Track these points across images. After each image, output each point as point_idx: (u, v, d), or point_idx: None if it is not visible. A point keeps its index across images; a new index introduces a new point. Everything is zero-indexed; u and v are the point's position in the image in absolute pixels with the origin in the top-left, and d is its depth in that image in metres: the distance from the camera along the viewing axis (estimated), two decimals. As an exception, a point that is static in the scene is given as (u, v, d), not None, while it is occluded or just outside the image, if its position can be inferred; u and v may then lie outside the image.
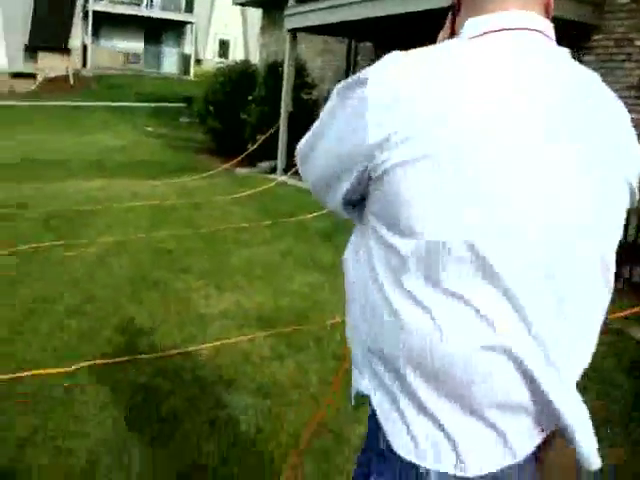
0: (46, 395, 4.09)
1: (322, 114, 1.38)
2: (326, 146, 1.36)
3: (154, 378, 4.37)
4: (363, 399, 1.38)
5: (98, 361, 4.55)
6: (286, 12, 13.64)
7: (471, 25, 1.32)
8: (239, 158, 14.96)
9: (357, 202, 1.37)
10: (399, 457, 1.28)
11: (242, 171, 14.45)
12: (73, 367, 4.45)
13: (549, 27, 1.35)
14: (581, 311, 1.27)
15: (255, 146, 14.83)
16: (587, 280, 1.26)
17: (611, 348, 5.20)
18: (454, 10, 1.43)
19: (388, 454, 1.31)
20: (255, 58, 27.64)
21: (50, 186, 11.59)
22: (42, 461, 3.39)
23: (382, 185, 1.21)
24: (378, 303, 1.27)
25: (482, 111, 1.17)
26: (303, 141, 1.47)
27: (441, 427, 1.25)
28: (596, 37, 9.45)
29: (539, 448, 1.33)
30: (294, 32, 13.76)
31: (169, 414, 3.89)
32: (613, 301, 1.33)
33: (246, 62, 18.41)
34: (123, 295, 6.01)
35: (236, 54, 39.09)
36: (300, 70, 14.95)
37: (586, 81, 1.33)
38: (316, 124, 1.42)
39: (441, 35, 1.50)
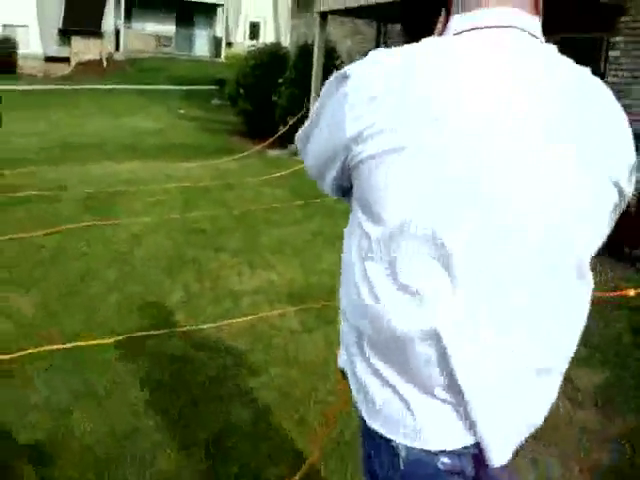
0: (89, 364, 4.39)
1: (316, 104, 1.49)
2: (318, 135, 1.48)
3: (189, 349, 4.65)
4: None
5: (137, 333, 4.84)
6: (316, -5, 13.81)
7: (456, 22, 1.38)
8: (270, 140, 15.18)
9: (347, 189, 1.47)
10: (376, 433, 1.40)
11: (273, 153, 14.68)
12: (113, 339, 4.75)
13: (535, 24, 1.37)
14: (553, 311, 1.33)
15: (286, 128, 15.03)
16: (561, 274, 1.32)
17: (629, 323, 5.37)
18: (447, 11, 1.46)
19: (367, 431, 1.44)
20: (285, 40, 27.77)
21: (87, 168, 11.93)
22: (88, 425, 3.68)
23: (358, 174, 1.32)
24: (352, 283, 1.38)
25: (468, 107, 1.23)
26: (302, 128, 1.58)
27: (404, 402, 1.34)
28: (624, 19, 9.50)
29: None
30: (324, 14, 13.92)
31: (204, 381, 4.16)
32: (628, 280, 1.49)
33: (277, 45, 18.59)
34: (160, 272, 6.30)
35: (267, 36, 39.26)
36: (330, 52, 15.10)
37: (579, 79, 1.34)
38: (312, 113, 1.52)
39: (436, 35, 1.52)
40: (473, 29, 1.34)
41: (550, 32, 6.58)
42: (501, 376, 1.32)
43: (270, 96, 16.08)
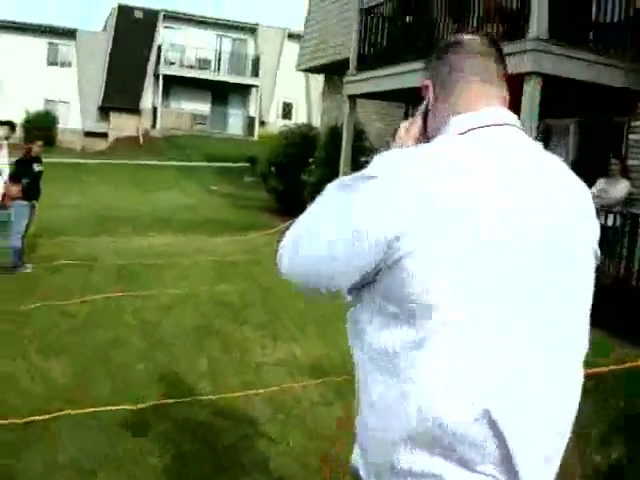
0: (115, 428, 4.53)
1: (311, 214, 1.51)
2: (322, 242, 1.44)
3: (213, 417, 4.79)
4: None
5: (163, 400, 4.99)
6: (345, 79, 14.28)
7: (457, 123, 1.53)
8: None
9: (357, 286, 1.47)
10: None
11: (301, 230, 14.93)
12: (139, 406, 4.90)
13: (517, 120, 1.56)
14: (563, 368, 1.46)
15: (315, 206, 15.33)
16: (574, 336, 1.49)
17: None
18: (427, 106, 1.65)
19: None
20: (316, 120, 28.49)
21: (120, 241, 12.30)
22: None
23: (395, 271, 1.35)
24: (390, 377, 1.41)
25: (487, 208, 1.36)
26: (288, 240, 1.54)
27: None
28: (644, 103, 9.77)
29: None
30: (353, 97, 14.37)
31: (226, 448, 4.29)
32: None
33: (307, 125, 19.17)
34: (187, 342, 6.49)
35: (299, 116, 40.21)
36: (359, 134, 15.52)
37: (561, 171, 1.54)
38: (303, 223, 1.52)
39: (408, 127, 1.71)
40: (476, 128, 1.51)
41: (571, 116, 6.97)
42: (544, 443, 1.43)
43: (300, 175, 16.49)
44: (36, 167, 9.69)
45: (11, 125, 11.86)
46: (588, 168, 10.31)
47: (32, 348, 6.10)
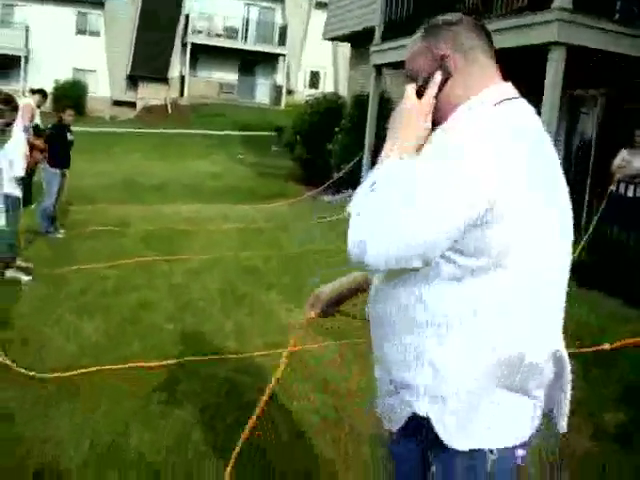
0: (146, 384, 4.79)
1: (422, 185, 1.60)
2: (440, 209, 1.58)
3: (238, 374, 5.03)
4: None
5: (190, 358, 5.24)
6: (371, 49, 14.35)
7: (489, 94, 1.78)
8: (324, 186, 15.66)
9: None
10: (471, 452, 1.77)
11: (326, 198, 15.14)
12: (167, 362, 5.15)
13: None
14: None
15: (340, 174, 15.51)
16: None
17: None
18: (447, 74, 1.80)
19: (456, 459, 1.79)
20: (343, 88, 28.48)
21: (149, 208, 12.57)
22: (142, 436, 4.07)
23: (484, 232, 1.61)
24: (491, 325, 1.75)
25: (550, 179, 1.73)
26: (380, 222, 1.62)
27: (510, 409, 1.78)
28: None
29: None
30: (379, 67, 14.44)
31: (250, 403, 4.53)
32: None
33: (334, 94, 19.25)
34: (214, 305, 6.74)
35: (326, 85, 40.19)
36: (384, 103, 15.57)
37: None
38: (407, 198, 1.60)
39: (427, 92, 1.83)
40: (505, 100, 1.78)
41: (598, 87, 7.14)
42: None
43: (325, 144, 16.60)
44: (68, 136, 9.94)
45: (43, 93, 12.15)
46: (614, 139, 10.35)
47: (67, 309, 6.38)
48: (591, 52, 9.26)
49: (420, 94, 1.83)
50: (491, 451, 1.74)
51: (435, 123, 1.83)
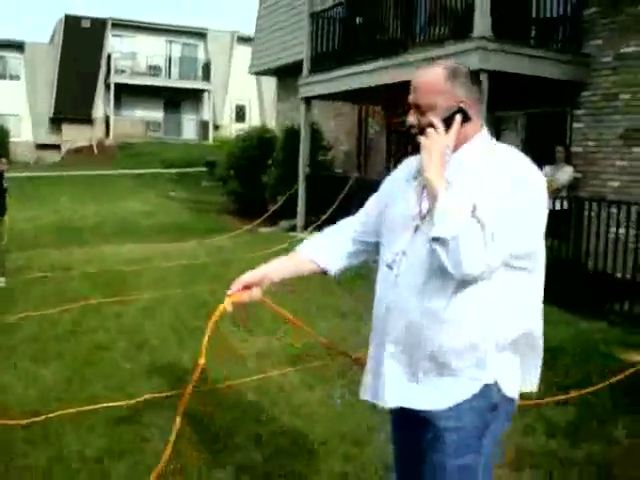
0: (111, 422, 4.88)
1: (529, 211, 2.19)
2: (530, 228, 2.22)
3: (204, 406, 5.14)
4: None
5: (153, 395, 5.34)
6: (300, 82, 14.70)
7: (486, 134, 2.38)
8: (261, 218, 15.86)
9: None
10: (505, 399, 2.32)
11: (264, 230, 15.34)
12: (130, 401, 5.24)
13: None
14: None
15: (276, 206, 15.74)
16: None
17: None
18: (466, 116, 2.27)
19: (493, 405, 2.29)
20: (270, 121, 28.82)
21: (87, 250, 12.54)
22: (119, 470, 4.17)
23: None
24: (521, 307, 2.36)
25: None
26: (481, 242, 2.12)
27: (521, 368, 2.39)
28: (584, 93, 10.35)
29: None
30: (308, 99, 14.79)
31: (219, 430, 4.67)
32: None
33: (263, 128, 19.51)
34: (168, 342, 6.83)
35: (252, 118, 40.53)
36: (315, 134, 15.93)
37: None
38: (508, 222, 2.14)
39: (448, 131, 2.27)
40: (494, 141, 2.42)
41: (519, 108, 7.69)
42: None
43: (259, 176, 16.85)
44: (4, 183, 9.92)
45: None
46: (536, 156, 10.86)
47: (22, 356, 6.39)
48: (510, 75, 9.78)
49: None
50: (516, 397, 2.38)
51: None
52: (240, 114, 42.65)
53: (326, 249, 2.72)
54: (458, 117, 2.24)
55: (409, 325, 2.29)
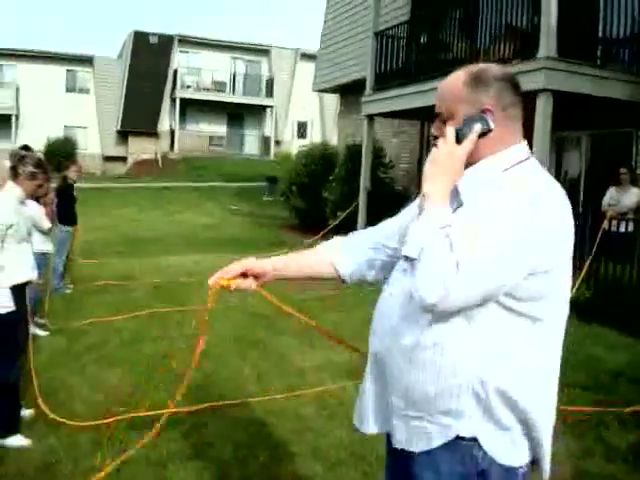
0: (177, 429, 5.01)
1: (516, 235, 1.76)
2: (511, 261, 1.78)
3: (263, 416, 5.25)
4: None
5: (215, 403, 5.46)
6: (363, 99, 14.82)
7: (518, 150, 2.00)
8: (322, 233, 15.95)
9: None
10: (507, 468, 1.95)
11: (324, 245, 15.39)
12: (196, 407, 5.37)
13: None
14: None
15: (337, 222, 15.84)
16: None
17: None
18: (487, 127, 1.94)
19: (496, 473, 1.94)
20: (331, 137, 29.01)
21: (151, 260, 12.83)
22: (181, 477, 4.28)
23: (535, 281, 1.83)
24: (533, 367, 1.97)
25: (570, 230, 1.91)
26: (487, 266, 1.74)
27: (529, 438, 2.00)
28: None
29: None
30: (371, 117, 14.90)
31: (279, 442, 4.76)
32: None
33: (325, 145, 19.70)
34: (230, 352, 6.97)
35: (313, 134, 40.85)
36: (377, 151, 16.02)
37: None
38: (509, 248, 1.76)
39: (453, 143, 1.93)
40: (529, 157, 2.01)
41: (583, 129, 7.66)
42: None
43: (320, 192, 16.98)
44: (74, 193, 10.27)
45: (27, 148, 12.42)
46: (600, 177, 10.77)
47: (88, 361, 6.60)
48: (575, 96, 9.72)
49: (457, 140, 1.94)
50: (521, 467, 1.99)
51: None
52: (302, 130, 43.02)
53: (349, 250, 2.43)
54: (477, 126, 1.93)
55: (382, 353, 2.07)
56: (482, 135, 1.95)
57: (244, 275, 2.32)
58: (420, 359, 1.92)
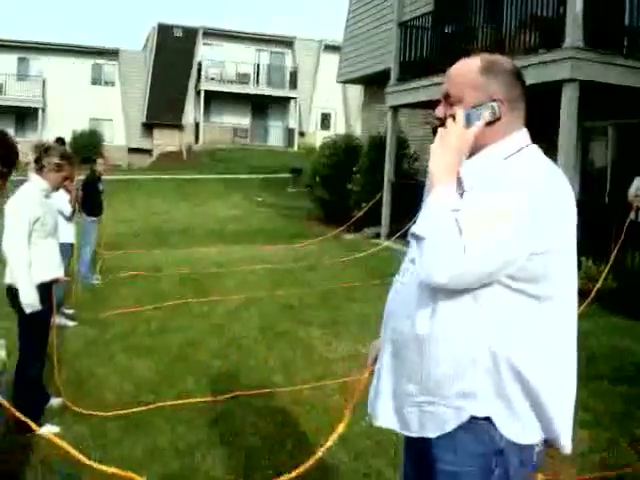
0: (205, 417, 5.08)
1: (515, 215, 1.83)
2: (513, 242, 1.84)
3: (290, 406, 5.30)
4: None
5: (242, 392, 5.52)
6: (387, 90, 14.79)
7: (519, 138, 2.05)
8: (346, 225, 16.00)
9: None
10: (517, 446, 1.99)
11: (349, 237, 15.48)
12: (223, 397, 5.43)
13: None
14: None
15: (361, 213, 15.86)
16: None
17: None
18: (495, 115, 2.00)
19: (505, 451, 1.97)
20: (355, 129, 28.97)
21: (177, 251, 12.95)
22: (209, 464, 4.35)
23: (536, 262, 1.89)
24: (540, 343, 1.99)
25: (571, 212, 1.97)
26: (499, 242, 1.81)
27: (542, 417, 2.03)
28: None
29: None
30: (395, 108, 14.87)
31: (306, 432, 4.81)
32: None
33: (349, 136, 19.68)
34: (256, 342, 7.03)
35: (337, 126, 40.77)
36: (401, 142, 15.99)
37: None
38: (517, 230, 1.82)
39: (462, 126, 1.99)
40: (529, 144, 2.06)
41: (609, 119, 7.61)
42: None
43: (344, 184, 16.99)
44: (100, 186, 10.39)
45: (62, 142, 12.62)
46: (626, 168, 10.69)
47: (117, 350, 6.70)
48: (602, 85, 9.64)
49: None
50: (537, 444, 2.04)
51: None
52: (325, 122, 42.95)
53: None
54: (486, 114, 1.99)
55: (396, 341, 2.10)
56: (489, 123, 2.01)
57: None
58: (433, 341, 1.96)
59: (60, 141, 12.60)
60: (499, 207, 1.83)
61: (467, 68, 2.06)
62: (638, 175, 9.95)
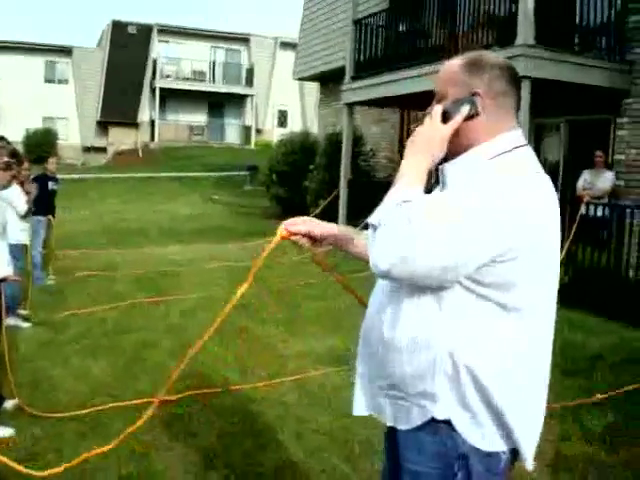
0: (161, 418, 5.04)
1: (464, 213, 1.76)
2: (467, 240, 1.77)
3: (246, 403, 5.30)
4: None
5: (198, 391, 5.50)
6: (343, 88, 14.83)
7: (505, 139, 1.97)
8: (303, 222, 15.97)
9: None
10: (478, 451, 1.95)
11: (306, 234, 15.44)
12: (178, 396, 5.40)
13: None
14: None
15: (318, 211, 15.87)
16: None
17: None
18: (474, 112, 1.96)
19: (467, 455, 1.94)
20: (312, 126, 29.00)
21: (133, 251, 12.83)
22: (164, 464, 4.33)
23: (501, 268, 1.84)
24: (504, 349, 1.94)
25: (547, 220, 1.91)
26: (446, 235, 1.75)
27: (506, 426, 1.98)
28: (627, 100, 10.33)
29: None
30: (351, 105, 14.92)
31: (262, 429, 4.81)
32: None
33: (305, 133, 19.69)
34: (212, 341, 6.99)
35: (294, 123, 40.76)
36: (357, 139, 16.05)
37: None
38: (462, 227, 1.76)
39: (438, 122, 1.98)
40: (518, 147, 1.98)
41: (561, 115, 7.79)
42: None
43: (301, 181, 17.00)
44: (51, 185, 10.22)
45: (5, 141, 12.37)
46: (578, 164, 10.89)
47: (71, 352, 6.62)
48: (553, 83, 9.80)
49: (443, 120, 1.98)
50: (504, 452, 2.00)
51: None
52: (282, 119, 42.94)
53: None
54: (464, 109, 1.95)
55: (367, 339, 2.13)
56: (469, 118, 1.97)
57: (308, 236, 2.42)
58: (397, 341, 1.97)
59: (3, 140, 12.33)
60: (460, 204, 1.79)
61: (450, 66, 2.07)
62: (587, 169, 10.16)
